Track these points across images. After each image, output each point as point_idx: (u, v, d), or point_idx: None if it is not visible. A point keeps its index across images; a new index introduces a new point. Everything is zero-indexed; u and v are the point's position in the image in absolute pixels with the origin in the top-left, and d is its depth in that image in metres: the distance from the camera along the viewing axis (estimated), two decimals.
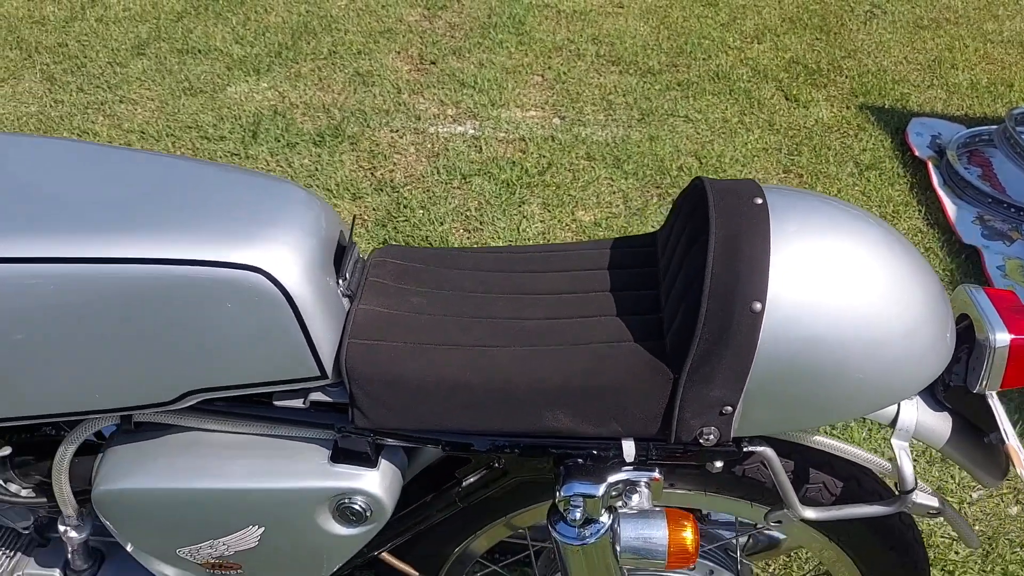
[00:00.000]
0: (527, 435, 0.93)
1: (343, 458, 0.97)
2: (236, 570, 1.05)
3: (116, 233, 0.87)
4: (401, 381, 0.91)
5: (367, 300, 0.97)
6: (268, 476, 0.97)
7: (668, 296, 0.92)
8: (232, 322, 0.88)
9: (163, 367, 0.90)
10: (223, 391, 0.92)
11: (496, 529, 1.18)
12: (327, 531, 0.99)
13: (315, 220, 0.94)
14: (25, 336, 0.87)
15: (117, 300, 0.86)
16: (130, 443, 1.01)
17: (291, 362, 0.91)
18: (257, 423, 0.98)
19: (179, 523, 1.00)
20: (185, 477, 0.97)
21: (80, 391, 0.91)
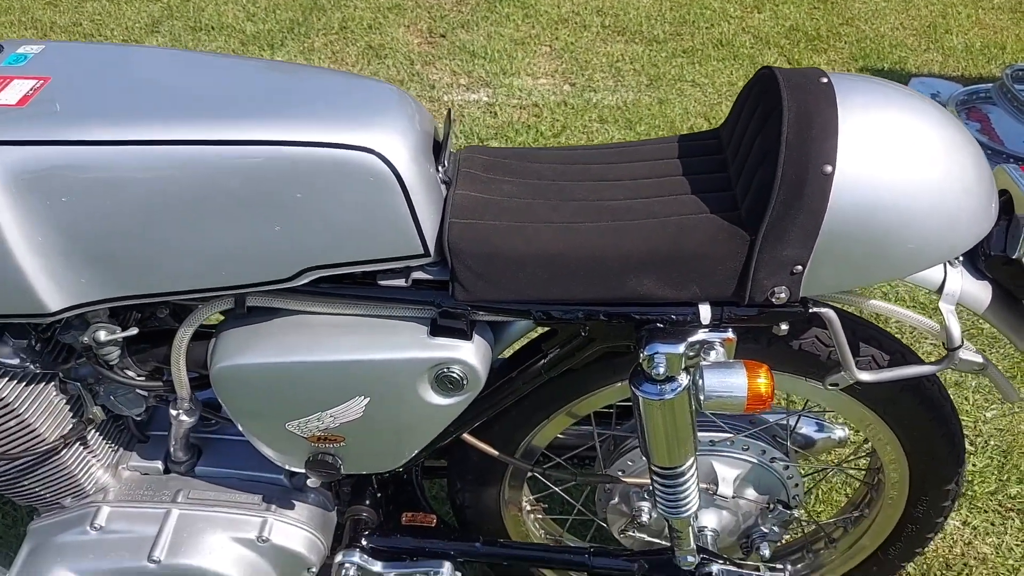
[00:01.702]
0: (612, 303, 1.03)
1: (441, 332, 1.06)
2: (339, 443, 1.14)
3: (240, 119, 0.96)
4: (498, 255, 1.00)
5: (462, 187, 1.06)
6: (374, 348, 1.06)
7: (741, 172, 1.01)
8: (346, 201, 0.97)
9: (283, 245, 0.99)
10: (336, 268, 1.02)
11: (560, 418, 1.27)
12: (425, 400, 1.09)
13: (415, 113, 1.04)
14: (159, 215, 0.96)
15: (242, 180, 0.95)
16: (243, 326, 1.09)
17: (398, 240, 1.00)
18: (362, 302, 1.07)
19: (290, 396, 1.09)
20: (297, 352, 1.06)
21: (208, 269, 0.99)
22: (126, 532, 1.21)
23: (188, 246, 0.98)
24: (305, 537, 1.24)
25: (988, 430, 2.05)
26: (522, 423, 1.26)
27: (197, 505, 1.23)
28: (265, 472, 1.27)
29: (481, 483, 1.34)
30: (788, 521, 1.35)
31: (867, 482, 1.45)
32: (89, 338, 1.07)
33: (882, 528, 1.39)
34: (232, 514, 1.23)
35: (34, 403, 1.13)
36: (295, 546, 1.23)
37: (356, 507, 1.33)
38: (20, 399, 1.11)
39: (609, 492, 1.37)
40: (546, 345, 1.13)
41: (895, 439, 1.25)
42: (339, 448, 1.15)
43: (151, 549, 1.18)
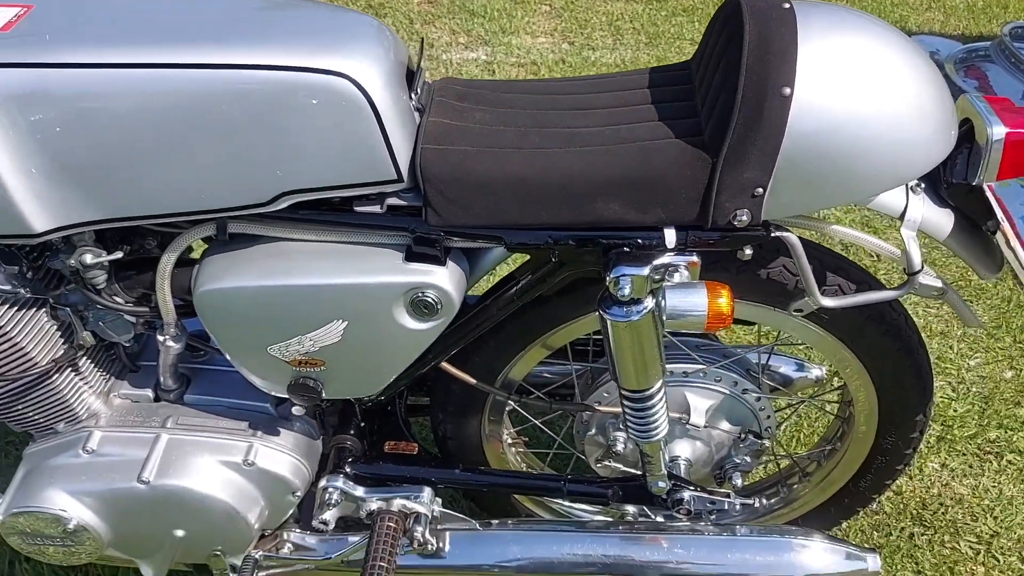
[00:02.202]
0: (580, 228, 1.06)
1: (416, 258, 1.10)
2: (319, 367, 1.18)
3: (220, 44, 0.99)
4: (470, 179, 1.03)
5: (435, 114, 1.09)
6: (351, 273, 1.09)
7: (705, 98, 1.04)
8: (321, 126, 1.00)
9: (261, 169, 1.02)
10: (313, 193, 1.05)
11: (536, 351, 1.31)
12: (401, 324, 1.12)
13: (389, 42, 1.06)
14: (139, 138, 0.99)
15: (221, 103, 0.98)
16: (225, 252, 1.13)
17: (371, 166, 1.03)
18: (339, 228, 1.10)
19: (271, 320, 1.12)
20: (277, 275, 1.10)
21: (189, 192, 1.03)
22: (117, 455, 1.25)
23: (169, 169, 1.01)
24: (290, 462, 1.29)
25: (971, 377, 2.08)
26: (499, 354, 1.30)
27: (185, 430, 1.27)
28: (252, 401, 1.32)
29: (462, 414, 1.38)
30: (760, 451, 1.39)
31: (839, 415, 1.49)
32: (76, 261, 1.11)
33: (853, 460, 1.43)
34: (219, 439, 1.27)
35: (26, 327, 1.17)
36: (280, 470, 1.27)
37: (340, 436, 1.37)
38: (12, 323, 1.15)
39: (586, 424, 1.41)
40: (519, 272, 1.16)
41: (863, 370, 1.28)
42: (319, 372, 1.19)
43: (140, 471, 1.23)
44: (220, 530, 1.27)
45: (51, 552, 1.30)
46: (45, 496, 1.24)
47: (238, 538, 1.29)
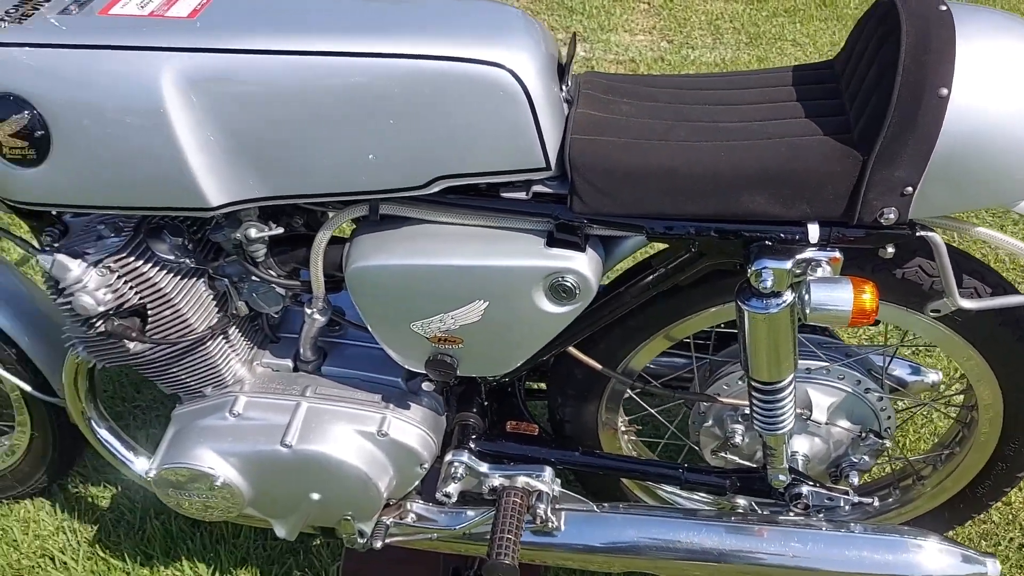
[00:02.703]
0: (723, 220, 1.08)
1: (556, 244, 1.14)
2: (457, 344, 1.23)
3: (387, 34, 1.05)
4: (617, 170, 1.07)
5: (583, 106, 1.13)
6: (495, 255, 1.14)
7: (855, 97, 1.05)
8: (477, 114, 1.05)
9: (418, 154, 1.08)
10: (464, 178, 1.10)
11: (659, 341, 1.34)
12: (539, 307, 1.17)
13: (540, 35, 1.11)
14: (312, 121, 1.05)
15: (387, 91, 1.04)
16: (375, 232, 1.19)
17: (522, 154, 1.08)
18: (485, 213, 1.15)
19: (417, 297, 1.18)
20: (426, 255, 1.15)
21: (354, 174, 1.09)
22: (261, 419, 1.33)
23: (336, 152, 1.07)
24: (419, 435, 1.35)
25: None
26: (623, 343, 1.33)
27: (323, 400, 1.35)
28: (384, 375, 1.38)
29: (581, 399, 1.42)
30: (879, 451, 1.39)
31: (960, 420, 1.48)
32: (241, 235, 1.19)
33: (972, 466, 1.42)
34: (355, 409, 1.34)
35: (187, 295, 1.26)
36: (411, 442, 1.33)
37: (464, 414, 1.42)
38: (176, 290, 1.24)
39: (703, 415, 1.44)
40: (655, 261, 1.20)
41: (992, 375, 1.28)
42: (457, 350, 1.24)
43: (283, 435, 1.30)
44: (353, 496, 1.34)
45: (192, 507, 1.39)
46: (195, 454, 1.33)
47: (368, 504, 1.36)
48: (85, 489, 1.87)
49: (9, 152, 1.08)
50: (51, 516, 1.82)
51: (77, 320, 1.27)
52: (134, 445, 1.56)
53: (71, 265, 1.20)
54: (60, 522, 1.81)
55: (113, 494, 1.87)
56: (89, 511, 1.83)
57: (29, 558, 1.76)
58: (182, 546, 1.76)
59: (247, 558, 1.74)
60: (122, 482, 1.88)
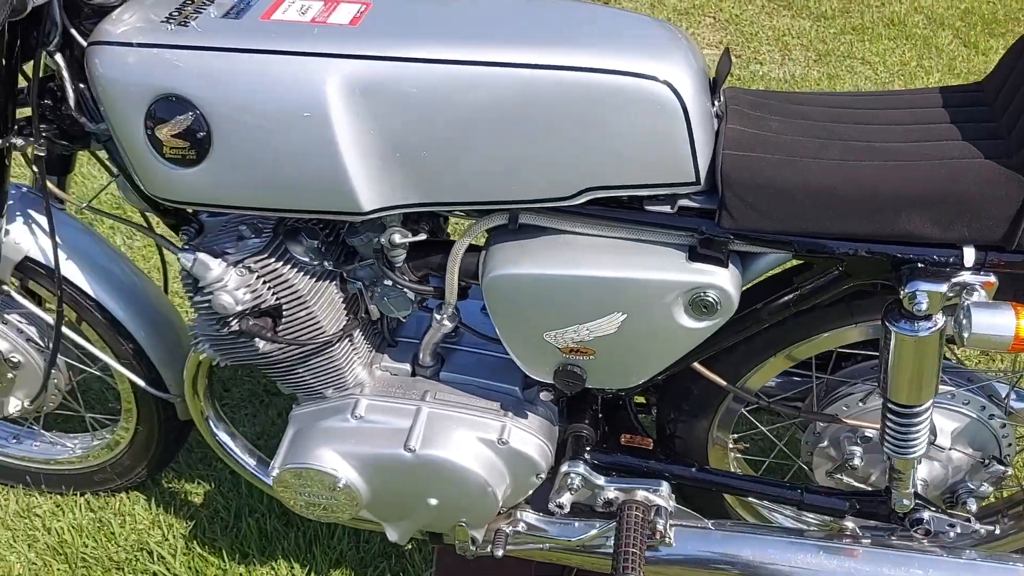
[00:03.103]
0: (876, 240, 1.08)
1: (699, 258, 1.14)
2: (589, 355, 1.23)
3: (544, 45, 1.06)
4: (770, 187, 1.07)
5: (732, 121, 1.13)
6: (638, 268, 1.14)
7: (1015, 122, 1.04)
8: (633, 127, 1.05)
9: (569, 165, 1.08)
10: (612, 190, 1.11)
11: (778, 361, 1.33)
12: (677, 322, 1.17)
13: (693, 49, 1.11)
14: (467, 130, 1.07)
15: (544, 102, 1.05)
16: (513, 240, 1.20)
17: (673, 167, 1.08)
18: (627, 225, 1.15)
19: (554, 307, 1.19)
20: (567, 265, 1.16)
21: (504, 183, 1.10)
22: (382, 423, 1.34)
23: (488, 160, 1.08)
24: (538, 444, 1.35)
25: None
26: (746, 360, 1.33)
27: (443, 405, 1.35)
28: (501, 383, 1.39)
29: (695, 415, 1.42)
30: (1000, 479, 1.37)
31: None
32: (386, 240, 1.20)
33: None
34: (476, 416, 1.34)
35: (320, 297, 1.27)
36: (530, 451, 1.34)
37: (577, 425, 1.43)
38: (310, 292, 1.26)
39: (819, 435, 1.43)
40: (798, 279, 1.19)
41: None
42: (587, 361, 1.24)
43: (407, 439, 1.31)
44: (471, 502, 1.35)
45: (310, 507, 1.40)
46: (317, 455, 1.34)
47: (485, 512, 1.36)
48: (179, 485, 1.90)
49: (169, 152, 1.10)
50: (146, 510, 1.85)
51: (210, 318, 1.28)
52: (249, 445, 1.58)
53: (212, 264, 1.22)
54: (155, 516, 1.84)
55: (206, 491, 1.89)
56: (183, 507, 1.85)
57: (126, 551, 1.78)
58: (277, 545, 1.77)
59: (341, 560, 1.75)
60: (215, 479, 1.90)
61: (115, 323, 1.51)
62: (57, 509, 1.85)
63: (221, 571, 1.74)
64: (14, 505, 1.86)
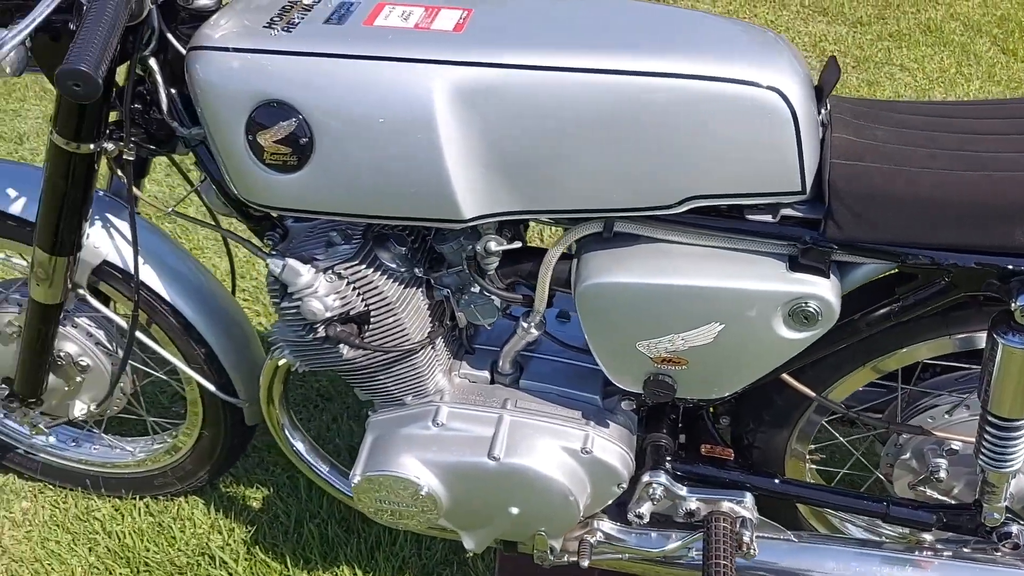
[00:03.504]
0: (986, 251, 1.07)
1: (799, 268, 1.13)
2: (681, 365, 1.22)
3: (650, 53, 1.05)
4: (879, 197, 1.06)
5: (837, 130, 1.12)
6: (737, 277, 1.13)
7: None
8: (742, 135, 1.04)
9: (675, 173, 1.07)
10: (715, 199, 1.09)
11: (864, 372, 1.32)
12: (775, 332, 1.15)
13: (797, 56, 1.10)
14: (572, 137, 1.05)
15: (651, 109, 1.04)
16: (606, 249, 1.19)
17: (780, 176, 1.07)
18: (726, 234, 1.14)
19: (650, 316, 1.17)
20: (665, 274, 1.15)
21: (606, 190, 1.09)
22: (465, 431, 1.33)
23: (592, 168, 1.07)
24: (621, 454, 1.34)
25: None
26: (834, 370, 1.32)
27: (525, 414, 1.34)
28: (581, 391, 1.38)
29: (776, 426, 1.40)
30: None
31: None
32: (481, 247, 1.19)
33: None
34: (559, 425, 1.33)
35: (408, 304, 1.26)
36: (613, 461, 1.32)
37: (655, 434, 1.41)
38: (399, 299, 1.25)
39: (900, 447, 1.41)
40: (900, 290, 1.18)
41: None
42: (679, 371, 1.23)
43: (490, 447, 1.30)
44: (552, 512, 1.33)
45: (389, 515, 1.39)
46: (400, 463, 1.33)
47: (565, 521, 1.35)
48: (237, 490, 1.89)
49: (270, 158, 1.09)
50: (205, 515, 1.84)
51: (295, 324, 1.28)
52: (321, 451, 1.57)
53: (302, 270, 1.21)
54: (214, 521, 1.83)
55: (265, 495, 1.88)
56: (243, 512, 1.84)
57: (187, 555, 1.77)
58: (339, 551, 1.76)
59: (404, 567, 1.74)
60: (273, 483, 1.89)
61: (188, 327, 1.50)
62: (116, 513, 1.84)
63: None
64: (73, 508, 1.85)
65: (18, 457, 1.85)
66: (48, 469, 1.85)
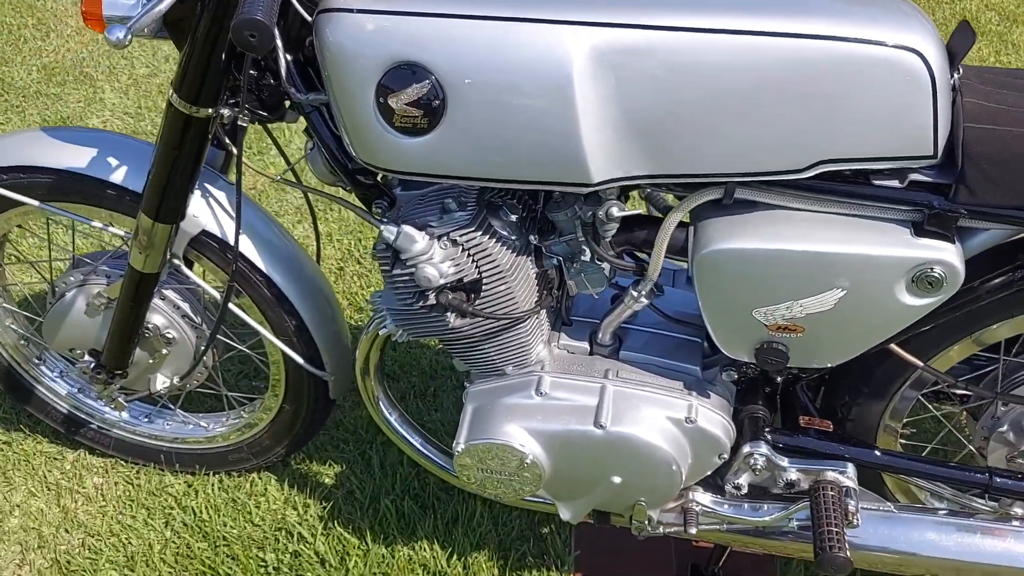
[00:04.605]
0: None
1: (924, 233, 1.13)
2: (797, 333, 1.22)
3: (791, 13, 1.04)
4: (1013, 160, 1.06)
5: (968, 95, 1.12)
6: (862, 243, 1.13)
7: None
8: (880, 98, 1.04)
9: (807, 137, 1.07)
10: (846, 163, 1.09)
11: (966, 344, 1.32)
12: (897, 298, 1.15)
13: (929, 20, 1.10)
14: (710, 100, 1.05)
15: (792, 71, 1.03)
16: (724, 216, 1.19)
17: (912, 140, 1.07)
18: (852, 200, 1.14)
19: (769, 283, 1.17)
20: (786, 240, 1.14)
21: (736, 155, 1.09)
22: (568, 400, 1.33)
23: (727, 131, 1.07)
24: (723, 424, 1.34)
25: None
26: (939, 340, 1.32)
27: (627, 384, 1.34)
28: (682, 362, 1.37)
29: (873, 398, 1.41)
30: None
31: None
32: (603, 213, 1.19)
33: None
34: (662, 395, 1.33)
35: (518, 272, 1.26)
36: (716, 431, 1.33)
37: (752, 406, 1.41)
38: (511, 267, 1.24)
39: (997, 420, 1.41)
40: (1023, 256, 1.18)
41: None
42: (794, 339, 1.23)
43: (596, 416, 1.30)
44: (655, 481, 1.33)
45: (491, 485, 1.39)
46: (504, 431, 1.33)
47: (667, 491, 1.35)
48: (309, 467, 1.89)
49: (400, 121, 1.09)
50: (279, 491, 1.84)
51: (404, 292, 1.27)
52: (414, 423, 1.57)
53: (417, 237, 1.21)
54: (288, 497, 1.83)
55: (338, 472, 1.88)
56: (317, 488, 1.84)
57: (264, 530, 1.77)
58: (417, 527, 1.76)
59: (482, 543, 1.74)
60: (346, 460, 1.89)
61: (281, 299, 1.50)
62: (190, 489, 1.84)
63: (362, 552, 1.73)
64: (147, 484, 1.85)
65: (91, 432, 1.85)
66: (121, 445, 1.85)
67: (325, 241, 2.38)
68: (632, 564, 1.70)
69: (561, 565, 1.71)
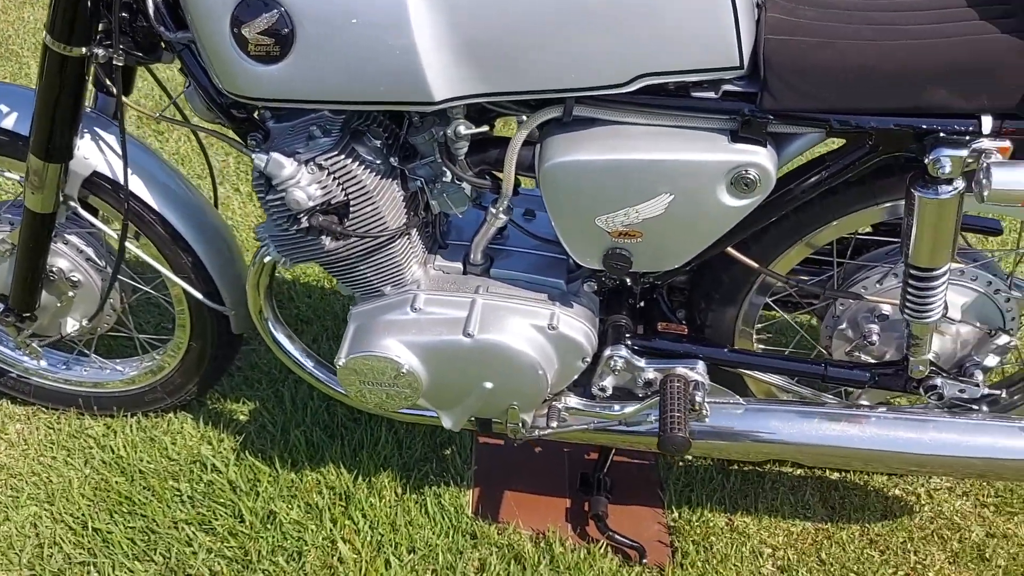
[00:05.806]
0: (903, 114, 1.20)
1: (740, 140, 1.25)
2: (636, 238, 1.34)
3: None
4: (809, 68, 1.19)
5: (771, 10, 1.24)
6: (685, 150, 1.25)
7: None
8: (684, 13, 1.16)
9: (624, 53, 1.18)
10: (663, 76, 1.21)
11: (799, 249, 1.46)
12: (720, 200, 1.27)
13: None
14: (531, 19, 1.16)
15: None
16: (565, 133, 1.30)
17: (720, 53, 1.19)
18: (674, 112, 1.26)
19: (606, 192, 1.29)
20: (619, 151, 1.26)
21: (564, 71, 1.19)
22: (441, 313, 1.44)
23: (553, 49, 1.18)
24: (584, 331, 1.46)
25: None
26: (773, 245, 1.45)
27: (496, 297, 1.46)
28: (547, 277, 1.49)
29: (724, 303, 1.53)
30: (1006, 349, 1.51)
31: None
32: (451, 131, 1.29)
33: None
34: (527, 305, 1.45)
35: (384, 193, 1.36)
36: (577, 336, 1.45)
37: (615, 316, 1.54)
38: (376, 188, 1.35)
39: (837, 318, 1.55)
40: (829, 155, 1.31)
41: None
42: (635, 244, 1.35)
43: (464, 326, 1.41)
44: (524, 385, 1.45)
45: (373, 396, 1.50)
46: (382, 345, 1.44)
47: (535, 395, 1.47)
48: (224, 405, 1.98)
49: (254, 50, 1.19)
50: (195, 428, 1.93)
51: (280, 217, 1.37)
52: (305, 347, 1.67)
53: (285, 163, 1.31)
54: (203, 433, 1.92)
55: (251, 409, 1.98)
56: (231, 424, 1.94)
57: (180, 464, 1.87)
58: (324, 453, 1.87)
59: (386, 464, 1.85)
60: (259, 398, 1.99)
61: (176, 236, 1.59)
62: (108, 430, 1.93)
63: (273, 478, 1.83)
64: (67, 428, 1.93)
65: (11, 381, 1.92)
66: (40, 392, 1.93)
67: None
68: (528, 478, 1.83)
69: (460, 481, 1.83)
